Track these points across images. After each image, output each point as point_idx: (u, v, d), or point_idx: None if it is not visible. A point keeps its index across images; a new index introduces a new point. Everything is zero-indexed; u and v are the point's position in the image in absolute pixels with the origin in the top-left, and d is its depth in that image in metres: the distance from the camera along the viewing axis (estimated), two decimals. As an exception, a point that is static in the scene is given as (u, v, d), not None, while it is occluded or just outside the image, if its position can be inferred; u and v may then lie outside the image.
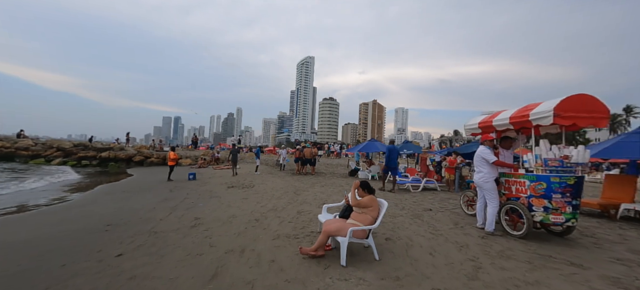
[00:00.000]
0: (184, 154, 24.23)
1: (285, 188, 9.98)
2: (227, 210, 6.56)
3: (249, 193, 9.11)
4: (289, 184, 11.14)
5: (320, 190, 9.62)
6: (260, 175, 14.24)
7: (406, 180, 10.54)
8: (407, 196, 8.60)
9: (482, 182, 4.61)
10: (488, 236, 4.63)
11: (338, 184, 11.22)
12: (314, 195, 8.48)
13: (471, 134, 5.98)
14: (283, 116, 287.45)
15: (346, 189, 10.07)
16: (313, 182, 11.67)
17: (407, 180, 10.52)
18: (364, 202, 3.76)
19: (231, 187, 10.47)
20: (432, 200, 7.99)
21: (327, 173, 16.04)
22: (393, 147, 10.70)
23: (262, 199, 7.91)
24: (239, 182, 11.81)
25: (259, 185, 10.95)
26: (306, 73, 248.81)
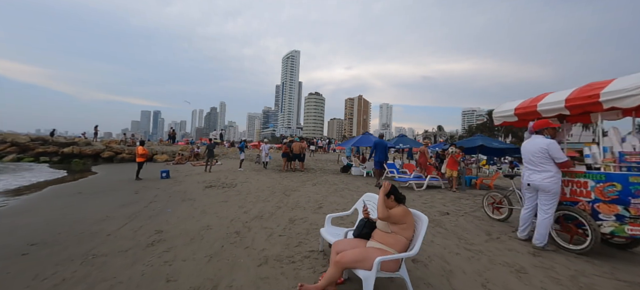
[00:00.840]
0: (160, 149, 22.23)
1: (273, 187, 8.69)
2: (200, 219, 5.22)
3: (230, 194, 7.75)
4: (277, 182, 9.85)
5: (313, 189, 8.41)
6: (244, 172, 12.83)
7: (406, 177, 9.54)
8: (413, 196, 7.55)
9: (548, 184, 3.52)
10: (539, 252, 3.61)
11: (331, 182, 10.05)
12: (307, 196, 7.26)
13: (502, 124, 4.94)
14: (268, 111, 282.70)
15: (340, 186, 8.93)
16: (303, 180, 10.44)
17: (408, 177, 9.51)
18: (396, 216, 2.59)
19: (209, 187, 9.05)
20: (443, 201, 6.98)
21: (317, 169, 14.84)
22: (380, 141, 9.84)
23: (245, 202, 6.60)
24: (218, 181, 10.38)
25: (242, 184, 9.59)
26: (291, 67, 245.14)
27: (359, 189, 8.66)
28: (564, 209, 3.67)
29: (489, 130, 77.65)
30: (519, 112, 4.44)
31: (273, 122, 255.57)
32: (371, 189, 8.64)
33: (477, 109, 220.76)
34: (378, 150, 9.62)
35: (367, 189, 8.54)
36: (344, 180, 10.78)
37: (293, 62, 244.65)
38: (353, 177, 11.77)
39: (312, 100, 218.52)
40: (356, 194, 7.58)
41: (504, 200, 5.07)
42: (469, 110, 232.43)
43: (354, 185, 9.40)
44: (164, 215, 5.56)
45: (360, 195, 7.58)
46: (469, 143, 10.10)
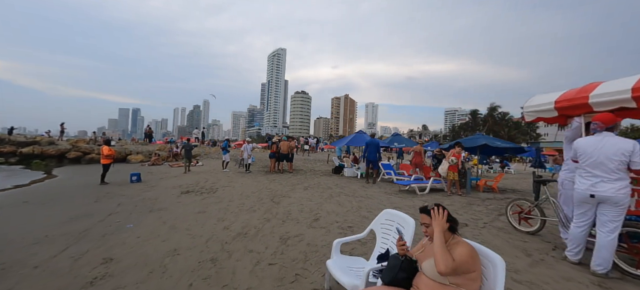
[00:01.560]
0: (135, 149, 20.47)
1: (259, 193, 7.65)
2: (167, 238, 4.14)
3: (209, 202, 6.65)
4: (263, 186, 8.80)
5: (304, 195, 7.44)
6: (228, 175, 11.67)
7: (407, 180, 8.76)
8: (417, 202, 6.74)
9: (623, 197, 2.74)
10: (604, 281, 2.83)
11: (325, 185, 9.12)
12: (299, 204, 6.28)
13: (535, 120, 4.18)
14: (253, 109, 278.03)
15: (335, 191, 8.01)
16: (293, 183, 9.44)
17: (409, 179, 8.74)
18: (463, 264, 1.65)
19: (186, 193, 7.89)
20: (452, 208, 6.19)
21: (307, 170, 13.86)
22: (371, 141, 9.26)
23: (226, 213, 5.54)
24: (197, 185, 9.21)
25: (224, 188, 8.48)
26: (277, 65, 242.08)
27: (356, 193, 7.78)
28: (631, 226, 2.91)
29: (471, 130, 79.78)
30: (562, 106, 3.67)
31: (259, 121, 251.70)
32: (375, 194, 7.79)
33: (458, 109, 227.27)
34: (370, 149, 8.88)
35: (364, 193, 7.68)
36: (338, 182, 9.87)
37: (279, 60, 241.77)
38: (347, 179, 10.89)
39: (298, 99, 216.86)
40: (355, 200, 6.69)
41: (535, 210, 4.33)
42: (451, 110, 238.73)
43: (349, 189, 8.52)
44: (122, 233, 4.43)
45: (359, 202, 6.77)
46: (471, 142, 9.47)
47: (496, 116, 73.68)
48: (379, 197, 7.15)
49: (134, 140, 25.79)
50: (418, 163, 9.49)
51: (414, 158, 9.63)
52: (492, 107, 73.87)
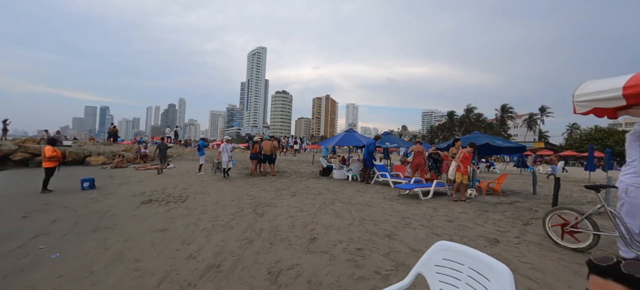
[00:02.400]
0: (96, 150, 18.19)
1: (239, 201, 6.43)
2: (102, 279, 2.87)
3: (175, 215, 5.35)
4: (244, 192, 7.57)
5: (294, 203, 6.32)
6: (203, 178, 10.26)
7: (408, 183, 7.90)
8: (425, 209, 5.85)
9: None
10: None
11: (315, 190, 8.04)
12: (289, 215, 5.16)
13: (589, 112, 3.35)
14: (233, 109, 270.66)
15: (328, 197, 6.96)
16: (278, 188, 8.28)
17: (408, 183, 7.88)
18: None
19: (147, 202, 6.50)
20: (467, 216, 5.36)
21: (291, 172, 12.71)
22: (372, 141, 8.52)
23: (195, 231, 4.31)
24: (164, 191, 7.80)
25: (196, 196, 7.16)
26: (258, 64, 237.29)
27: (352, 199, 6.78)
28: None
29: (448, 130, 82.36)
30: (631, 92, 2.87)
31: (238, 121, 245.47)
32: (373, 200, 6.81)
33: (435, 111, 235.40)
34: (370, 150, 8.02)
35: (362, 199, 6.68)
36: (328, 186, 8.83)
37: (259, 58, 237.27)
38: (337, 182, 9.88)
39: (279, 99, 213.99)
40: (354, 209, 5.68)
41: (584, 223, 3.53)
42: (428, 111, 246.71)
43: (343, 194, 7.50)
44: (37, 270, 3.10)
45: (359, 211, 5.51)
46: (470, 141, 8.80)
47: (472, 117, 76.55)
48: (380, 204, 6.19)
49: (93, 140, 23.15)
50: (419, 164, 8.70)
51: (414, 159, 8.82)
52: (469, 108, 76.63)
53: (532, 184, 8.83)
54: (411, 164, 9.15)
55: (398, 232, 4.18)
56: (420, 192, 6.71)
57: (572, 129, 75.80)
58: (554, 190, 5.42)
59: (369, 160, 9.12)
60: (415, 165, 8.87)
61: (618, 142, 44.04)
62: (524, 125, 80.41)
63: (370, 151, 9.06)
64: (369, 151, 9.04)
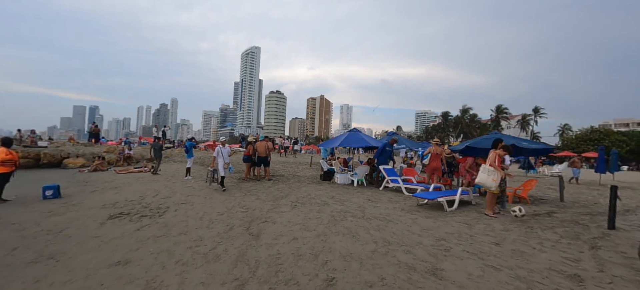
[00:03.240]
0: (75, 151, 16.71)
1: (229, 215, 5.30)
2: None
3: (146, 236, 4.20)
4: (235, 202, 6.42)
5: (296, 217, 5.21)
6: (189, 184, 9.06)
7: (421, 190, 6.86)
8: (457, 226, 4.80)
9: None
10: None
11: (318, 199, 6.94)
12: (293, 237, 4.06)
13: None
14: (226, 109, 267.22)
15: (337, 208, 5.88)
16: (275, 197, 7.16)
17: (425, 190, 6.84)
18: None
19: (117, 217, 5.32)
20: (510, 235, 4.34)
21: (288, 176, 11.59)
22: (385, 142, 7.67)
23: (167, 264, 3.20)
24: (141, 201, 6.62)
25: (178, 207, 6.00)
26: (252, 64, 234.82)
27: (365, 211, 5.70)
28: None
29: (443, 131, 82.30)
30: None
31: (231, 121, 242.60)
32: (391, 212, 5.75)
33: (428, 111, 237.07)
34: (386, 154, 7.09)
35: (377, 212, 5.62)
36: (333, 193, 7.75)
37: (253, 58, 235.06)
38: (342, 188, 8.80)
39: (273, 99, 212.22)
40: (372, 226, 4.60)
41: None
42: (422, 112, 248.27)
43: (354, 204, 6.42)
44: None
45: (380, 230, 4.34)
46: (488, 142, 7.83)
47: (466, 118, 76.54)
48: (401, 218, 5.13)
49: (72, 140, 21.53)
50: (435, 168, 7.70)
51: (430, 161, 7.81)
52: (464, 109, 76.57)
53: (560, 189, 7.92)
54: (426, 167, 8.14)
55: (441, 264, 3.13)
56: (444, 201, 5.68)
57: (563, 130, 76.47)
58: (610, 206, 4.45)
59: (384, 161, 8.11)
60: (432, 168, 7.86)
61: (614, 142, 44.14)
62: (518, 126, 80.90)
63: (386, 150, 8.06)
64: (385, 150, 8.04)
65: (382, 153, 8.48)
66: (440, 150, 7.88)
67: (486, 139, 8.21)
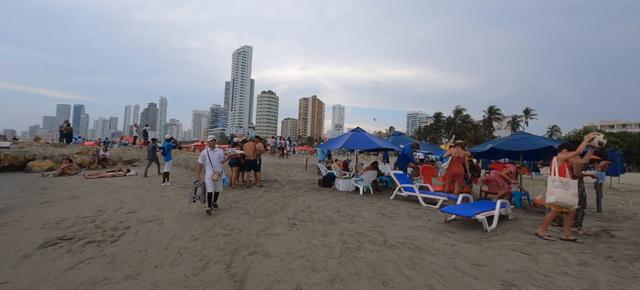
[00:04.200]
0: (42, 152, 14.89)
1: (204, 242, 3.95)
2: None
3: (79, 278, 2.84)
4: (216, 220, 5.05)
5: (297, 244, 3.91)
6: (165, 192, 7.64)
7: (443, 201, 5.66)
8: (516, 259, 3.58)
9: None
10: None
11: (322, 214, 5.65)
12: (295, 285, 2.76)
13: None
14: (217, 109, 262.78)
15: (347, 228, 4.61)
16: (267, 210, 5.83)
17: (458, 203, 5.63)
18: None
19: (53, 244, 3.91)
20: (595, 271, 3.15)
21: (282, 181, 10.26)
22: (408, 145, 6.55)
23: None
24: (97, 217, 5.22)
25: (142, 226, 4.62)
26: (243, 63, 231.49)
27: (385, 232, 4.44)
28: None
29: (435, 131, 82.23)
30: None
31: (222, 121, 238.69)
32: (419, 236, 4.51)
33: (419, 113, 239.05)
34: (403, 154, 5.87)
35: (400, 233, 4.37)
36: (337, 204, 6.47)
37: (245, 57, 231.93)
38: (346, 197, 7.53)
39: (265, 99, 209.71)
40: (404, 261, 3.34)
41: None
42: (413, 113, 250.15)
43: (366, 220, 5.16)
44: None
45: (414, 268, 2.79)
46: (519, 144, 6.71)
47: (458, 119, 76.51)
48: (436, 245, 3.88)
49: (39, 140, 19.54)
50: (456, 174, 6.53)
51: (451, 166, 6.64)
52: (458, 110, 76.51)
53: (597, 198, 6.87)
54: (446, 172, 6.96)
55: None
56: (483, 218, 4.47)
57: (552, 131, 77.33)
58: None
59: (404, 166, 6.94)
60: (452, 174, 6.69)
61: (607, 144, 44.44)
62: (508, 127, 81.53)
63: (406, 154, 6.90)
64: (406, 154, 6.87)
65: (404, 157, 7.28)
66: (462, 153, 6.70)
67: (513, 141, 7.09)
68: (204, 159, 5.63)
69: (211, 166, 5.50)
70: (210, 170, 5.50)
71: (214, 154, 5.65)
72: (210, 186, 5.38)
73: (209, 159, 5.56)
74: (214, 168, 5.49)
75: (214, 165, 5.53)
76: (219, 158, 5.68)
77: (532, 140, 6.82)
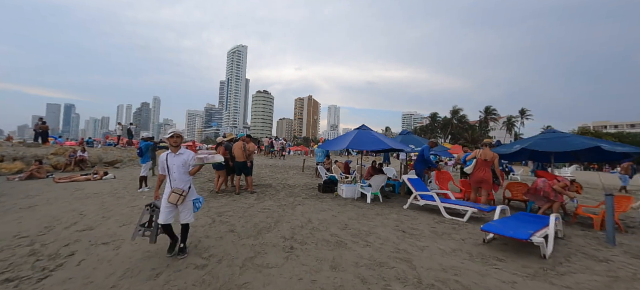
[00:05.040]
0: (13, 153, 13.49)
1: (170, 276, 2.80)
2: None
3: None
4: (190, 239, 3.91)
5: (296, 284, 2.81)
6: (137, 201, 6.45)
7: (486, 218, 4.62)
8: None
9: None
10: None
11: (327, 232, 4.55)
12: None
13: None
14: (211, 108, 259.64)
15: (363, 254, 3.53)
16: (258, 226, 4.71)
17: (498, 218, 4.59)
18: None
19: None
20: None
21: (277, 186, 9.15)
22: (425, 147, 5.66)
23: None
24: (39, 238, 4.03)
25: (90, 252, 3.47)
26: (238, 62, 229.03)
27: (413, 261, 3.37)
28: None
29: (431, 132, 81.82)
30: None
31: (217, 121, 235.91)
32: (450, 260, 3.44)
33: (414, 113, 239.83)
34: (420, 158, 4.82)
35: (431, 260, 3.29)
36: (344, 217, 5.38)
37: (239, 57, 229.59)
38: (353, 206, 6.44)
39: (260, 99, 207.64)
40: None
41: None
42: (408, 113, 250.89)
43: (383, 241, 4.08)
44: None
45: None
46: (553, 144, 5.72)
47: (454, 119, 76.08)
48: (494, 285, 2.81)
49: (11, 139, 18.05)
50: (483, 180, 5.51)
51: (476, 171, 5.61)
52: (455, 110, 76.02)
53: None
54: (470, 178, 5.92)
55: None
56: (543, 242, 3.41)
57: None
58: None
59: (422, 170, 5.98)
60: (477, 180, 5.66)
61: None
62: (504, 128, 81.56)
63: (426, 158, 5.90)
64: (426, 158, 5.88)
65: (423, 160, 6.26)
66: (490, 155, 5.66)
67: (545, 140, 6.08)
68: (163, 168, 3.41)
69: (169, 180, 3.35)
70: (168, 188, 3.34)
71: (177, 159, 3.36)
72: (164, 213, 3.28)
73: (166, 166, 3.37)
74: (173, 183, 3.32)
75: (175, 178, 3.33)
76: (183, 167, 3.37)
77: (568, 140, 5.82)
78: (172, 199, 3.25)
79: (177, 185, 3.33)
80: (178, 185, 3.34)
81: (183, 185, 3.36)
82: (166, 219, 3.31)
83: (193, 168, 3.44)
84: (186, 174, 3.40)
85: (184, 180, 3.38)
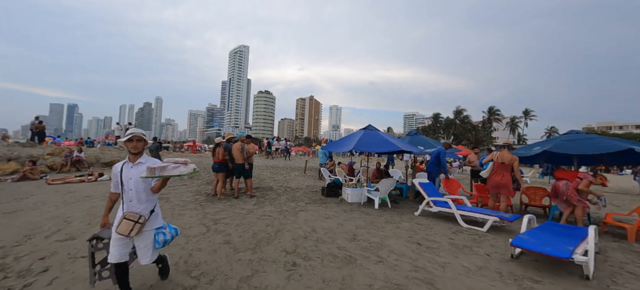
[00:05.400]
0: (8, 153, 13.13)
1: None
2: None
3: None
4: (180, 254, 3.46)
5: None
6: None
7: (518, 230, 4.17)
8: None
9: None
10: None
11: (330, 240, 4.10)
12: None
13: None
14: (213, 108, 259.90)
15: (369, 269, 3.06)
16: (257, 236, 4.26)
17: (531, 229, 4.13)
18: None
19: None
20: None
21: (278, 188, 8.71)
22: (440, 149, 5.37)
23: None
24: (13, 249, 3.60)
25: (63, 269, 3.02)
26: (240, 63, 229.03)
27: (435, 283, 2.92)
28: None
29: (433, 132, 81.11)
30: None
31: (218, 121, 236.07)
32: (468, 273, 2.97)
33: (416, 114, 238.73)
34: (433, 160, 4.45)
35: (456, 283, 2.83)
36: (351, 226, 4.92)
37: (241, 57, 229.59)
38: (360, 213, 5.98)
39: (261, 99, 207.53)
40: None
41: None
42: (410, 114, 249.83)
43: (398, 256, 3.63)
44: None
45: None
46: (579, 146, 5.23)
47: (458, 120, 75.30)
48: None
49: (6, 139, 17.78)
50: (502, 185, 5.05)
51: (492, 175, 5.15)
52: (458, 110, 75.23)
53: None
54: (487, 183, 5.45)
55: None
56: (587, 262, 2.94)
57: (550, 133, 76.54)
58: None
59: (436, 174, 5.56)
60: (495, 185, 5.19)
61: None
62: (507, 128, 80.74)
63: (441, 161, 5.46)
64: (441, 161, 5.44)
65: (438, 164, 5.80)
66: (508, 158, 5.19)
67: (570, 142, 5.59)
68: (116, 184, 2.41)
69: (123, 201, 2.36)
70: (121, 211, 2.35)
71: (136, 171, 2.34)
72: (116, 248, 2.29)
73: (119, 181, 2.36)
74: (128, 205, 2.34)
75: (131, 198, 2.34)
76: (145, 181, 2.35)
77: (596, 142, 5.33)
78: (122, 228, 2.22)
79: (132, 208, 2.31)
80: (134, 208, 2.31)
81: (142, 208, 2.33)
82: (120, 255, 2.29)
83: (156, 183, 2.37)
84: (148, 192, 2.36)
85: (144, 200, 2.35)
